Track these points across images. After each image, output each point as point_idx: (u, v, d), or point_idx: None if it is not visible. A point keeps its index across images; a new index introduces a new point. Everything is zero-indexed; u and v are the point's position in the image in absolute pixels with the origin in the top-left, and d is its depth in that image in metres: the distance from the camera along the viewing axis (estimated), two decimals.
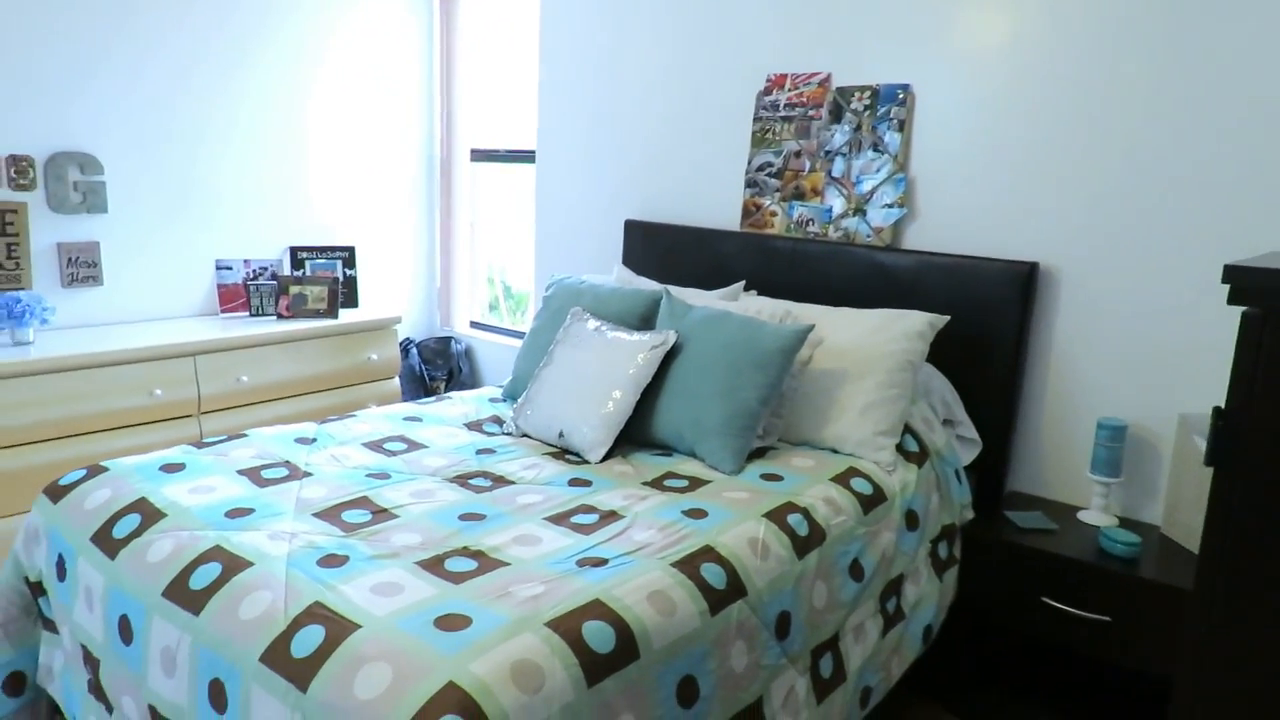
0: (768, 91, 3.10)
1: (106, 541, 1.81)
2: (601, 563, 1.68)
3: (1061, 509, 2.55)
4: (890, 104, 2.82)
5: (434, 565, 1.65)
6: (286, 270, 3.89)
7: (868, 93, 2.86)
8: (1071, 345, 2.56)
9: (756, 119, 3.13)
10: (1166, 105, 2.35)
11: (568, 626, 1.45)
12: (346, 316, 3.78)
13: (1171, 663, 2.07)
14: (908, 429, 2.43)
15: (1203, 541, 1.40)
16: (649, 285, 2.94)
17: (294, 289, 3.68)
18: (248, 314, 3.67)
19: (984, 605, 2.40)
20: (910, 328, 2.47)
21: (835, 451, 2.38)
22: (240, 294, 3.70)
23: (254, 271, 3.76)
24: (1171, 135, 2.35)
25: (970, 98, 2.67)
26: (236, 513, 1.85)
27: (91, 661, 1.79)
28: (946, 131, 2.72)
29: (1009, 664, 2.43)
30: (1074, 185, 2.51)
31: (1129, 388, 2.48)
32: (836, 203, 2.95)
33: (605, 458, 2.31)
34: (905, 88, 2.78)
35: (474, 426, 2.58)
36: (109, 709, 1.77)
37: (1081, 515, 2.49)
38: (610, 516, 1.92)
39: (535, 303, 4.07)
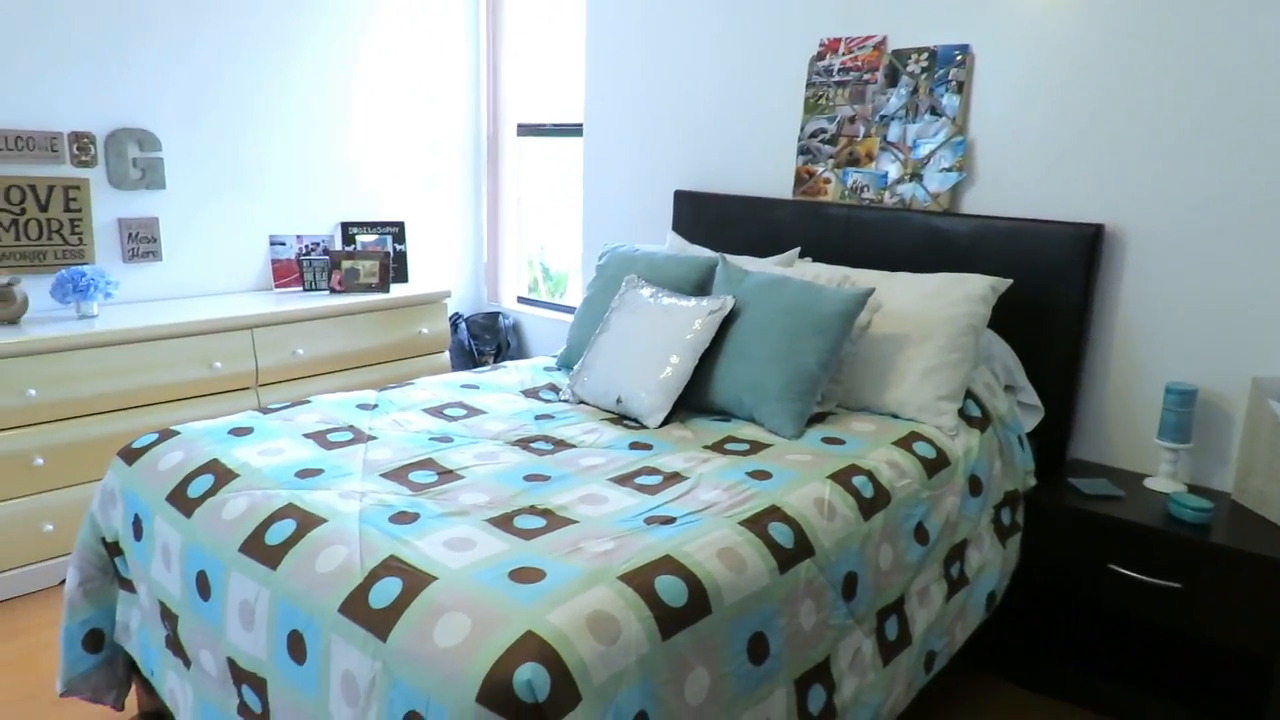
0: (821, 56, 3.05)
1: (182, 501, 1.85)
2: (669, 521, 1.68)
3: (1127, 476, 2.50)
4: (948, 65, 2.76)
5: (503, 522, 1.66)
6: (338, 245, 3.93)
7: (925, 55, 2.81)
8: (1138, 309, 2.50)
9: (809, 85, 3.08)
10: (1234, 60, 2.28)
11: (640, 581, 1.45)
12: (397, 291, 3.81)
13: (1245, 629, 2.04)
14: (969, 394, 2.40)
15: None
16: (703, 252, 2.92)
17: (346, 264, 3.72)
18: (301, 289, 3.72)
19: (1048, 572, 2.36)
20: (972, 291, 2.43)
21: (896, 417, 2.35)
22: (294, 269, 3.75)
23: (306, 247, 3.80)
24: (1239, 90, 2.28)
25: (1032, 56, 2.61)
26: (306, 473, 1.88)
27: (169, 617, 1.83)
28: (1007, 92, 2.66)
29: (1071, 633, 2.39)
30: (1142, 144, 2.44)
31: (1199, 351, 2.42)
32: (892, 168, 2.90)
33: (664, 423, 2.31)
34: (964, 49, 2.73)
35: (531, 394, 2.59)
36: (187, 663, 1.81)
37: (1148, 482, 2.44)
38: (674, 478, 1.92)
39: (578, 280, 4.08)
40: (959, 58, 2.74)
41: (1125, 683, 2.31)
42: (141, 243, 3.36)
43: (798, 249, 2.93)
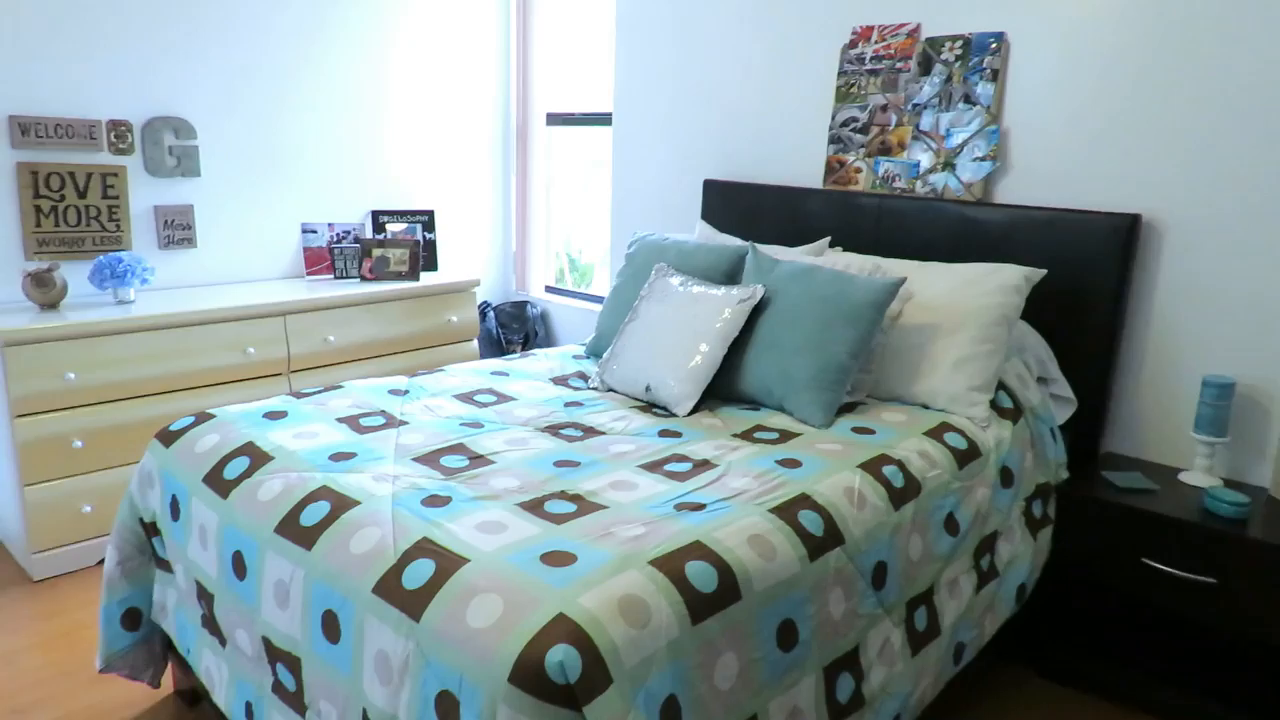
0: (853, 44, 3.03)
1: (218, 482, 1.87)
2: (699, 508, 1.69)
3: (1161, 470, 2.47)
4: (983, 54, 2.73)
5: (534, 507, 1.68)
6: (368, 234, 3.96)
7: (959, 42, 2.78)
8: (1175, 300, 2.46)
9: (841, 73, 3.06)
10: (1277, 43, 2.24)
11: (671, 566, 1.46)
12: (427, 279, 3.84)
13: None
14: (1001, 385, 2.38)
15: None
16: (733, 241, 2.91)
17: (376, 252, 3.75)
18: (332, 276, 3.75)
19: (1080, 566, 2.34)
20: (1005, 281, 2.40)
21: (926, 407, 2.34)
22: (325, 257, 3.79)
23: (338, 235, 3.84)
24: None
25: (1068, 43, 2.57)
26: (340, 456, 1.90)
27: (205, 597, 1.86)
28: (1043, 80, 2.63)
29: (1103, 627, 2.37)
30: (1181, 132, 2.40)
31: (1237, 343, 2.38)
32: (924, 157, 2.88)
33: (692, 411, 2.31)
34: (999, 36, 2.69)
35: (560, 381, 2.60)
36: (222, 642, 1.84)
37: (1183, 476, 2.40)
38: (704, 465, 1.93)
39: (607, 268, 4.08)
40: (994, 45, 2.70)
41: (1158, 678, 2.28)
42: (177, 230, 3.41)
43: (828, 238, 2.91)
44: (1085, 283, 2.52)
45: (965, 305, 2.38)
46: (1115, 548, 2.26)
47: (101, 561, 2.72)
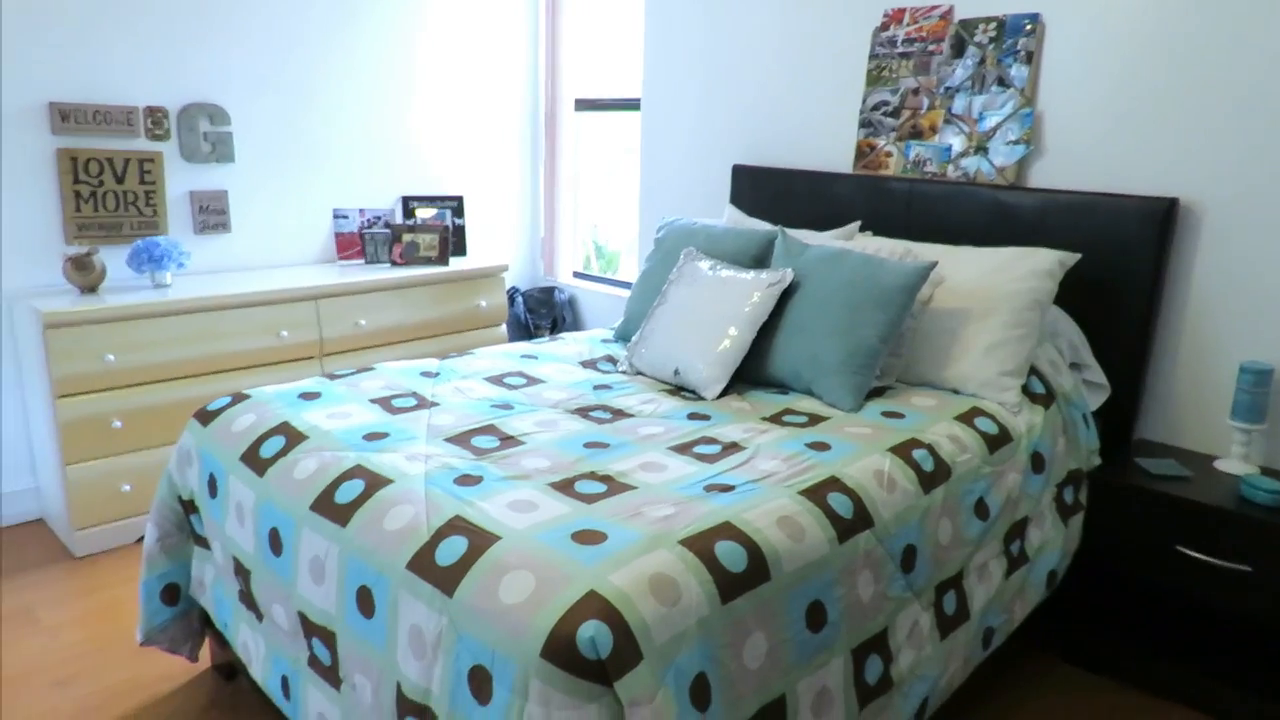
0: (885, 27, 3.00)
1: (255, 461, 1.91)
2: (729, 489, 1.69)
3: (1195, 457, 2.44)
4: (1017, 35, 2.69)
5: (564, 487, 1.69)
6: (398, 219, 4.00)
7: (993, 24, 2.74)
8: (1213, 285, 2.43)
9: (872, 56, 3.03)
10: None
11: (701, 546, 1.47)
12: (456, 264, 3.86)
13: None
14: (1033, 371, 2.36)
15: None
16: (762, 226, 2.91)
17: (406, 237, 3.78)
18: (363, 261, 3.79)
19: (1112, 553, 2.32)
20: (1039, 266, 2.38)
21: (957, 392, 2.32)
22: (356, 242, 3.82)
23: (368, 220, 3.87)
24: None
25: (1105, 23, 2.53)
26: (373, 436, 1.93)
27: (243, 572, 1.90)
28: (1079, 61, 2.59)
29: (1133, 615, 2.35)
30: (1220, 114, 2.36)
31: (1276, 329, 2.34)
32: (956, 141, 2.85)
33: (721, 395, 2.31)
34: (1034, 18, 2.66)
35: (588, 364, 2.62)
36: (259, 617, 1.88)
37: (1218, 464, 2.38)
38: (732, 448, 1.93)
39: (634, 255, 4.09)
40: (1028, 27, 2.67)
41: (1189, 667, 2.26)
42: (212, 215, 3.46)
43: (858, 223, 2.90)
44: (1120, 267, 2.49)
45: (997, 290, 2.36)
46: (1148, 535, 2.24)
47: (141, 539, 2.77)
